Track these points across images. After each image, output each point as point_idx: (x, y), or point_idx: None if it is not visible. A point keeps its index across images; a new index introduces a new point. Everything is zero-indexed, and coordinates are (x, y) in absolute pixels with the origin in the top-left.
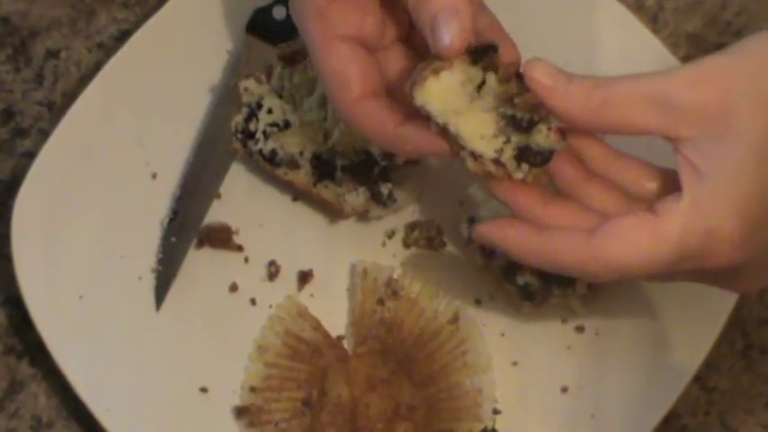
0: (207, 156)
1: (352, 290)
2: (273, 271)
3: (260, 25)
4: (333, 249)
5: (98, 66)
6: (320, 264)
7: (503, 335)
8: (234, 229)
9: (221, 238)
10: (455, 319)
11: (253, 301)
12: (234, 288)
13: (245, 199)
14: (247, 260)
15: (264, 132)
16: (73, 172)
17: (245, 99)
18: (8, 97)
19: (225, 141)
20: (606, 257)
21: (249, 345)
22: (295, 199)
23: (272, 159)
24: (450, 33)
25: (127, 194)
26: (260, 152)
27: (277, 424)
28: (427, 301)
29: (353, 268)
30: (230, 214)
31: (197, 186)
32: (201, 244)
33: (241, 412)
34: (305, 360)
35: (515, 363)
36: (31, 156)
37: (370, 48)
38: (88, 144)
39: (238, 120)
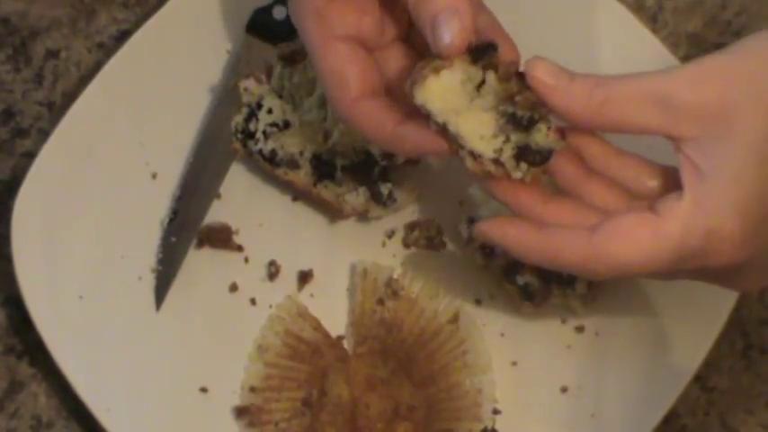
0: (207, 156)
1: (352, 290)
2: (273, 271)
3: (260, 25)
4: (333, 249)
5: (98, 66)
6: (320, 264)
7: (503, 335)
8: (234, 229)
9: (221, 238)
10: (455, 319)
11: (253, 301)
12: (234, 288)
13: (245, 199)
14: (247, 260)
15: (264, 132)
16: (73, 172)
17: (245, 99)
18: (8, 97)
19: (225, 141)
20: (607, 255)
21: (249, 345)
22: (295, 199)
23: (272, 159)
24: (450, 32)
25: (127, 194)
26: (260, 152)
27: (277, 424)
28: (427, 301)
29: (353, 268)
30: (230, 214)
31: (197, 186)
32: (201, 244)
33: (241, 412)
34: (305, 360)
35: (515, 363)
36: (31, 156)
37: (368, 47)
38: (88, 144)
39: (238, 120)
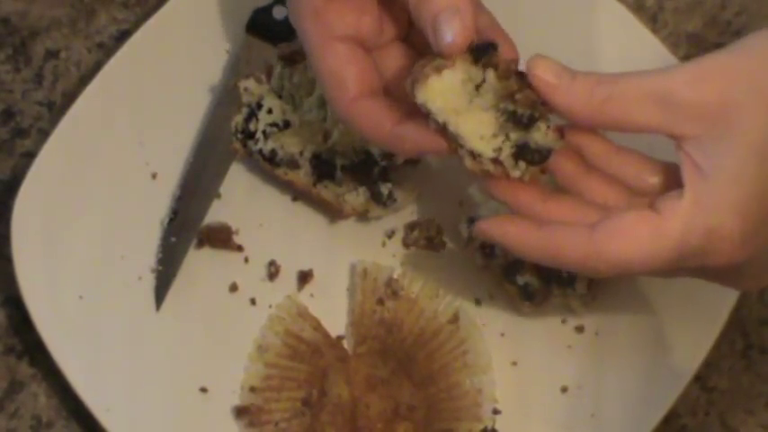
0: (207, 156)
1: (352, 290)
2: (273, 271)
3: (260, 25)
4: (333, 249)
5: (98, 66)
6: (320, 264)
7: (503, 335)
8: (234, 229)
9: (221, 238)
10: (455, 319)
11: (253, 301)
12: (234, 288)
13: (245, 199)
14: (247, 260)
15: (264, 132)
16: (73, 172)
17: (244, 99)
18: (8, 97)
19: (225, 141)
20: (607, 253)
21: (249, 345)
22: (295, 199)
23: (272, 159)
24: (452, 31)
25: (127, 194)
26: (260, 152)
27: (277, 424)
28: (427, 301)
29: (353, 268)
30: (230, 214)
31: (197, 186)
32: (201, 244)
33: (241, 412)
34: (305, 360)
35: (515, 363)
36: (31, 156)
37: (367, 47)
38: (88, 144)
39: (238, 120)
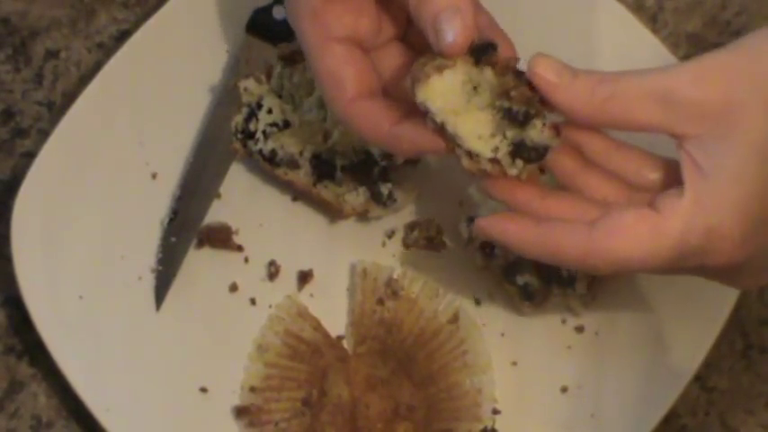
0: (207, 156)
1: (351, 290)
2: (273, 271)
3: (260, 25)
4: (333, 249)
5: (98, 66)
6: (320, 264)
7: (503, 335)
8: (234, 229)
9: (221, 238)
10: (455, 319)
11: (253, 301)
12: (234, 288)
13: (245, 199)
14: (247, 260)
15: (264, 132)
16: (73, 172)
17: (244, 99)
18: (8, 97)
19: (225, 141)
20: (606, 251)
21: (249, 345)
22: (295, 199)
23: (272, 159)
24: (453, 31)
25: (127, 194)
26: (260, 152)
27: (277, 424)
28: (427, 301)
29: (353, 268)
30: (230, 214)
31: (197, 186)
32: (201, 244)
33: (241, 412)
34: (305, 360)
35: (515, 363)
36: (31, 156)
37: (365, 48)
38: (88, 144)
39: (238, 120)
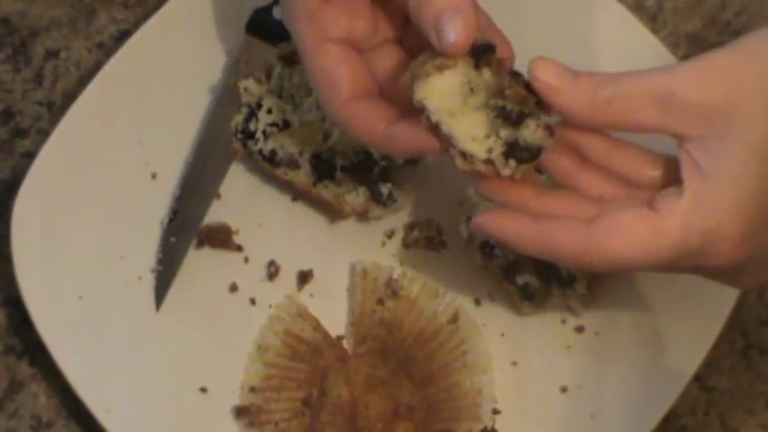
0: (207, 156)
1: (351, 290)
2: (273, 271)
3: (260, 25)
4: (333, 249)
5: (98, 66)
6: (320, 264)
7: (502, 335)
8: (234, 229)
9: (221, 238)
10: (455, 319)
11: (253, 301)
12: (234, 288)
13: (245, 199)
14: (247, 260)
15: (264, 132)
16: (73, 172)
17: (244, 99)
18: (8, 97)
19: (225, 141)
20: (604, 249)
21: (249, 345)
22: (295, 199)
23: (272, 159)
24: (455, 31)
25: (127, 194)
26: (260, 152)
27: (277, 424)
28: (427, 301)
29: (353, 268)
30: (230, 214)
31: (197, 186)
32: (201, 244)
33: (241, 412)
34: (305, 360)
35: (515, 363)
36: (31, 156)
37: (360, 49)
38: (88, 144)
39: (238, 120)
